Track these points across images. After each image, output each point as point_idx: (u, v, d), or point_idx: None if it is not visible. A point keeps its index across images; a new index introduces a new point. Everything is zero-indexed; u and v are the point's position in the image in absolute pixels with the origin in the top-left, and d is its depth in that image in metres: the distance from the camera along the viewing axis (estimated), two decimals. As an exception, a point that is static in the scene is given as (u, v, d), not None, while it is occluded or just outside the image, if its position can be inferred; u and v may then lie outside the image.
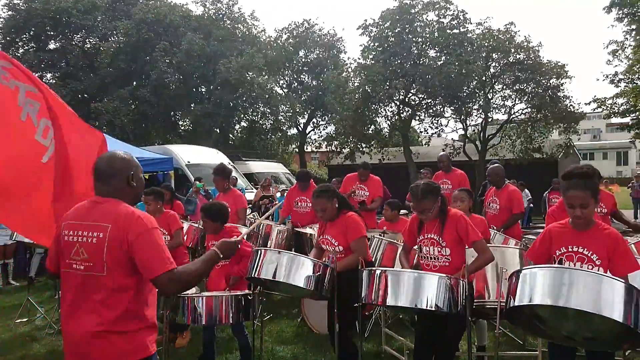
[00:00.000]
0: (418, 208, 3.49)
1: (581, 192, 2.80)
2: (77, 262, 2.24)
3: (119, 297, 2.19)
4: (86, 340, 2.17)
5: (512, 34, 20.00)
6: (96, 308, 2.18)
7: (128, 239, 2.17)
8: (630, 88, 18.09)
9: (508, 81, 20.64)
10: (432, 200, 3.45)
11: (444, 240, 3.46)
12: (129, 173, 2.36)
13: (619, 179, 39.46)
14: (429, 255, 3.53)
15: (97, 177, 2.35)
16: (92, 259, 2.20)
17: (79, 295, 2.22)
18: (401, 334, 5.00)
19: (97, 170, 2.35)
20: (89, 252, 2.21)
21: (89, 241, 2.22)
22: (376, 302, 3.27)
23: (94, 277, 2.20)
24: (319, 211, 3.95)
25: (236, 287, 4.33)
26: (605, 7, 17.57)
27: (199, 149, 16.59)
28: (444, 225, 3.46)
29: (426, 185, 3.49)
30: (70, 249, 2.26)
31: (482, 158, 20.38)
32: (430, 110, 21.61)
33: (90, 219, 2.26)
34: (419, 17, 20.95)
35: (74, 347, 2.22)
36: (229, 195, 6.22)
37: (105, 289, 2.18)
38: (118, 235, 2.18)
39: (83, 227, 2.26)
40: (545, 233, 3.02)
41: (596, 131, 63.66)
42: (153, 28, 24.86)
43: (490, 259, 3.46)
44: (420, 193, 3.44)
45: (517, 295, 2.63)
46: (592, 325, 2.64)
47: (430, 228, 3.54)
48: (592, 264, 2.81)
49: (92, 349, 2.17)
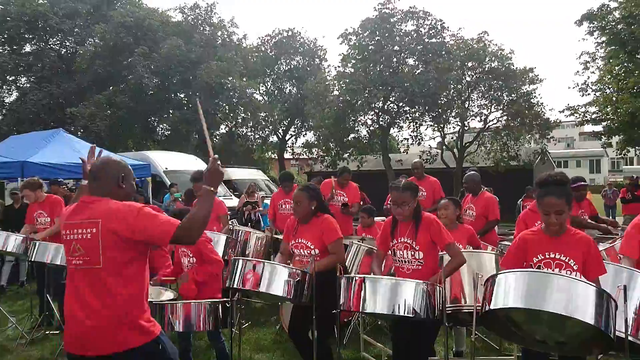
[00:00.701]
0: (399, 200, 3.50)
1: (556, 199, 2.85)
2: (76, 257, 2.43)
3: (118, 286, 2.36)
4: (92, 330, 2.33)
5: (485, 42, 20.45)
6: (100, 297, 2.34)
7: (128, 222, 2.35)
8: (601, 97, 18.60)
9: (483, 89, 21.07)
10: (412, 196, 3.51)
11: (417, 244, 3.49)
12: (120, 175, 2.57)
13: (592, 187, 40.38)
14: (402, 259, 3.56)
15: (91, 178, 2.58)
16: (89, 254, 2.39)
17: (82, 288, 2.39)
18: (380, 340, 5.02)
19: (92, 171, 2.60)
20: (85, 247, 2.40)
21: (84, 237, 2.41)
22: (355, 308, 3.28)
23: (93, 270, 2.38)
24: (295, 203, 3.92)
25: (195, 286, 4.21)
26: (577, 21, 18.05)
27: (177, 156, 16.42)
28: (418, 229, 3.50)
29: (408, 182, 3.62)
30: (69, 246, 2.46)
31: (460, 165, 20.68)
32: (409, 118, 21.87)
33: (83, 217, 2.45)
34: (398, 26, 21.24)
35: (81, 338, 2.36)
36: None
37: (104, 280, 2.36)
38: (113, 226, 2.36)
39: (76, 226, 2.45)
40: (519, 241, 3.04)
41: (570, 139, 65.16)
42: (131, 32, 24.61)
43: (462, 262, 3.51)
44: (402, 185, 3.54)
45: (492, 299, 2.68)
46: (564, 329, 2.70)
47: (403, 231, 3.56)
48: (570, 269, 2.87)
49: (98, 337, 2.33)
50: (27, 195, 6.09)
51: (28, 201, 6.26)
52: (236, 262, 3.63)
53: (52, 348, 5.27)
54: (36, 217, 6.00)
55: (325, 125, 21.44)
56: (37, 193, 6.01)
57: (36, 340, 5.56)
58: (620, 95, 17.69)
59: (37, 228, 5.94)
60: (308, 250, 3.88)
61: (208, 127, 12.89)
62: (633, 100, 16.61)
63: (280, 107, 29.41)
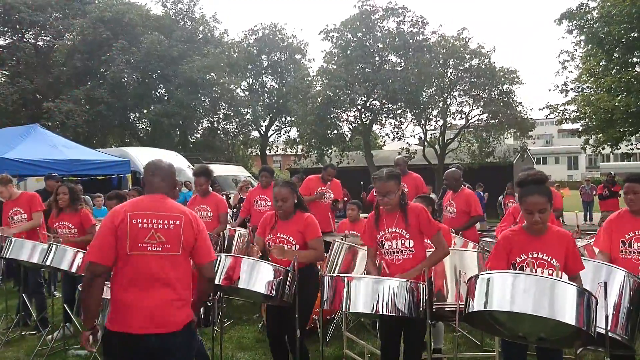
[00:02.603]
0: (383, 190, 3.43)
1: (539, 197, 2.87)
2: (154, 244, 2.68)
3: (186, 272, 2.77)
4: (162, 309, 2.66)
5: (466, 40, 20.61)
6: (170, 283, 2.68)
7: (199, 228, 2.79)
8: (580, 96, 18.88)
9: (465, 87, 21.26)
10: (396, 185, 3.44)
11: (408, 232, 3.44)
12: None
13: (570, 183, 41.12)
14: (391, 250, 3.48)
15: (162, 178, 2.92)
16: (170, 242, 2.70)
17: (155, 272, 2.66)
18: (362, 337, 5.02)
19: (163, 171, 2.95)
20: (166, 236, 2.70)
21: (166, 227, 2.72)
22: (338, 307, 3.26)
23: (171, 257, 2.71)
24: (280, 201, 3.80)
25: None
26: (556, 19, 18.28)
27: (158, 152, 16.19)
28: (407, 217, 3.45)
29: (391, 171, 3.53)
30: (145, 234, 2.68)
31: (442, 162, 20.84)
32: (391, 115, 21.96)
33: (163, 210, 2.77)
34: (380, 23, 21.27)
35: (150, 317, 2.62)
36: (209, 199, 5.94)
37: (180, 266, 2.74)
38: (191, 224, 2.77)
39: (158, 217, 2.73)
40: (502, 241, 3.05)
41: (549, 137, 66.21)
42: (110, 27, 24.18)
43: (447, 252, 3.51)
44: (385, 175, 3.45)
45: (475, 300, 2.69)
46: (546, 327, 2.73)
47: (390, 222, 3.50)
48: (553, 269, 2.89)
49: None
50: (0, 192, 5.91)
51: (2, 199, 6.07)
52: (218, 259, 3.58)
53: (28, 349, 5.14)
54: (11, 215, 5.84)
55: (308, 122, 21.41)
56: (9, 189, 5.84)
57: (12, 341, 5.43)
58: (598, 94, 18.00)
59: (13, 226, 5.78)
60: (289, 245, 3.83)
61: (189, 122, 12.70)
62: (610, 99, 16.91)
63: (262, 103, 29.26)
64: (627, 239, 3.45)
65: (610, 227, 3.57)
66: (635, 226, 3.45)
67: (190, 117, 25.45)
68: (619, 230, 3.51)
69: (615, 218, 3.62)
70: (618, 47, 16.96)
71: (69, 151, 11.09)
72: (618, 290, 3.07)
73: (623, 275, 3.12)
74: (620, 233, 3.49)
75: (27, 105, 24.53)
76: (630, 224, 3.49)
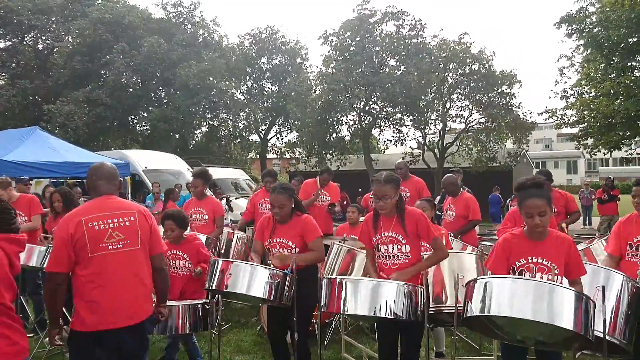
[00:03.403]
0: (380, 193, 3.42)
1: (539, 200, 2.87)
2: (113, 243, 2.86)
3: (147, 264, 3.02)
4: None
5: (467, 45, 20.65)
6: (137, 275, 2.93)
7: (152, 221, 3.06)
8: (579, 100, 18.91)
9: (466, 91, 21.28)
10: (393, 189, 3.42)
11: (404, 237, 3.42)
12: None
13: (569, 187, 41.16)
14: (387, 254, 3.47)
15: (107, 179, 3.02)
16: (128, 237, 2.91)
17: (120, 269, 2.86)
18: (361, 341, 5.01)
19: (105, 173, 3.03)
20: (124, 232, 2.90)
21: (122, 225, 2.91)
22: (336, 310, 3.26)
23: (132, 251, 2.92)
24: (277, 207, 3.78)
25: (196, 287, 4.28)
26: (556, 23, 18.33)
27: (157, 155, 16.21)
28: (405, 221, 3.43)
29: (389, 174, 3.52)
30: (104, 235, 2.84)
31: (441, 166, 20.84)
32: (391, 118, 21.97)
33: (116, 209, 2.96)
34: (379, 26, 21.31)
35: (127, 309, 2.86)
36: (206, 203, 5.91)
37: (141, 259, 2.97)
38: (145, 218, 3.02)
39: (112, 216, 2.90)
40: (504, 244, 3.04)
41: (548, 141, 66.24)
42: (111, 29, 24.21)
43: (445, 256, 3.51)
44: (383, 178, 3.44)
45: (473, 304, 2.69)
46: (545, 331, 2.73)
47: (387, 226, 3.48)
48: (552, 274, 2.89)
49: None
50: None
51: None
52: (215, 263, 3.57)
53: (26, 351, 5.13)
54: None
55: (307, 125, 21.41)
56: (8, 192, 5.84)
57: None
58: (597, 98, 18.02)
59: None
60: (289, 249, 3.83)
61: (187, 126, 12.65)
62: (609, 104, 16.93)
63: (261, 106, 29.27)
64: (634, 242, 3.49)
65: (619, 230, 3.62)
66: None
67: (189, 121, 25.46)
68: (627, 233, 3.56)
69: (625, 221, 3.67)
70: (617, 52, 17.00)
71: (68, 153, 11.08)
72: (616, 295, 3.07)
73: (622, 279, 3.12)
74: (628, 236, 3.54)
75: (27, 107, 24.53)
76: (637, 227, 3.52)
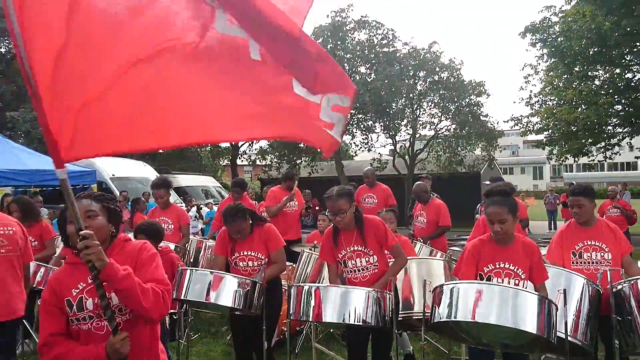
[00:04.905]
0: (334, 209, 3.40)
1: (499, 208, 2.94)
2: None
3: (21, 269, 3.68)
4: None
5: (436, 53, 21.04)
6: (16, 278, 3.57)
7: (25, 234, 3.76)
8: (543, 108, 19.46)
9: (436, 99, 21.66)
10: (347, 202, 3.40)
11: (369, 248, 3.43)
12: None
13: (535, 192, 42.23)
14: (356, 269, 3.45)
15: None
16: (11, 244, 3.53)
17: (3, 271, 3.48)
18: (332, 348, 5.00)
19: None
20: (8, 240, 3.53)
21: (6, 233, 3.53)
22: (305, 318, 3.25)
23: (12, 257, 3.56)
24: (235, 233, 3.75)
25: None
26: (521, 33, 18.85)
27: (125, 162, 15.88)
28: (365, 233, 3.43)
29: (340, 188, 3.50)
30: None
31: (411, 172, 21.10)
32: (362, 125, 22.16)
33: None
34: (351, 34, 21.51)
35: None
36: (171, 211, 5.86)
37: (18, 264, 3.61)
38: (22, 230, 3.71)
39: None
40: (471, 249, 3.10)
41: (515, 147, 67.87)
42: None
43: (405, 262, 3.55)
44: (335, 194, 3.41)
45: (440, 309, 2.74)
46: (510, 334, 2.79)
47: (349, 240, 3.46)
48: (519, 279, 2.96)
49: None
50: None
51: None
52: (183, 273, 3.52)
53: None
54: None
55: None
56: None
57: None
58: (560, 106, 18.58)
59: None
60: (258, 261, 3.80)
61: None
62: (571, 112, 17.48)
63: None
64: (577, 250, 3.55)
65: (561, 238, 3.66)
66: (583, 237, 3.55)
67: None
68: (569, 242, 3.60)
69: (565, 230, 3.71)
70: (578, 61, 17.57)
71: (31, 161, 10.75)
72: (578, 297, 3.16)
73: (583, 282, 3.21)
74: (570, 244, 3.58)
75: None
76: (578, 235, 3.58)
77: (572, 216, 3.64)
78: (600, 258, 3.47)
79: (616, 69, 17.87)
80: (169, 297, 2.05)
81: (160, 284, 2.02)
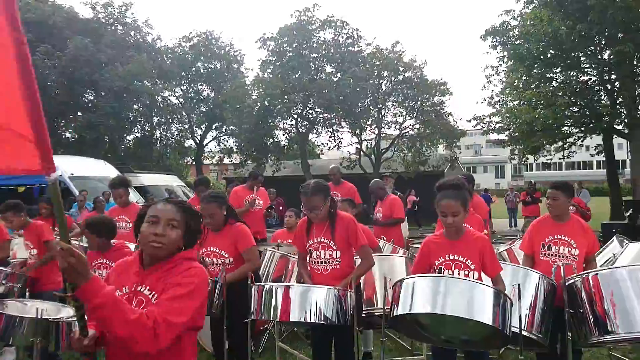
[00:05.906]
0: (308, 205, 3.44)
1: (452, 201, 2.99)
2: None
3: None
4: None
5: (399, 53, 21.32)
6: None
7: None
8: (504, 108, 19.98)
9: (400, 99, 21.93)
10: (322, 198, 3.44)
11: (335, 243, 3.46)
12: None
13: (497, 191, 43.24)
14: (319, 260, 3.50)
15: None
16: None
17: None
18: (295, 347, 4.99)
19: None
20: None
21: None
22: (266, 317, 3.23)
23: None
24: (207, 217, 3.68)
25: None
26: (482, 35, 19.28)
27: (84, 160, 15.42)
28: (335, 228, 3.47)
29: (316, 184, 3.51)
30: None
31: (377, 171, 21.29)
32: (327, 124, 22.23)
33: None
34: (316, 34, 21.55)
35: None
36: (129, 210, 5.78)
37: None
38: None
39: None
40: (424, 246, 3.18)
41: (477, 147, 69.43)
42: (34, 29, 22.87)
43: (372, 264, 3.58)
44: (310, 190, 3.43)
45: (399, 304, 2.76)
46: (467, 329, 2.84)
47: (319, 232, 3.51)
48: (468, 269, 3.02)
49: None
50: None
51: None
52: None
53: None
54: None
55: (244, 130, 21.24)
56: None
57: None
58: (520, 106, 19.12)
59: None
60: (222, 259, 3.75)
61: (119, 130, 12.25)
62: (531, 112, 18.01)
63: (198, 111, 28.67)
64: (546, 242, 3.68)
65: (533, 231, 3.81)
66: (554, 230, 3.68)
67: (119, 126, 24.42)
68: (540, 234, 3.74)
69: (537, 223, 3.88)
70: (537, 63, 18.10)
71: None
72: (533, 292, 3.25)
73: (538, 277, 3.31)
74: (541, 236, 3.72)
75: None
76: (550, 228, 3.72)
77: (547, 208, 3.79)
78: (567, 253, 3.60)
79: (572, 72, 18.51)
80: (168, 331, 1.76)
81: (169, 314, 1.76)
